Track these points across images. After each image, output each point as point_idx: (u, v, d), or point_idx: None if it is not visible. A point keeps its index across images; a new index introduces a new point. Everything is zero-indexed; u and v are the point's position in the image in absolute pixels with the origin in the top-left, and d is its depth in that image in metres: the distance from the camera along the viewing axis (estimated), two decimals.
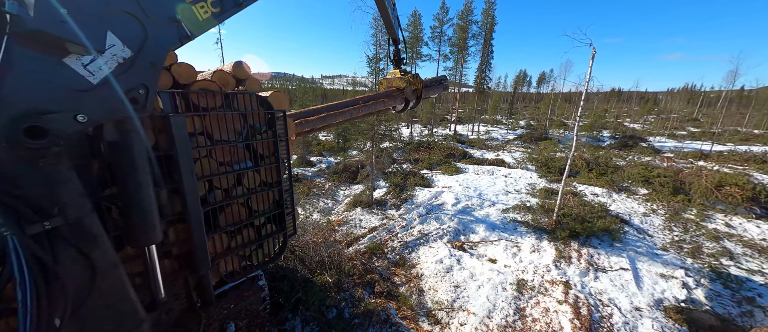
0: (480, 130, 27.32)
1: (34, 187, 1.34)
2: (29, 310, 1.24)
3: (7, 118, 1.24)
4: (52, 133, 1.34)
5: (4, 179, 1.27)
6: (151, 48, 1.59)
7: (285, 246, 3.44)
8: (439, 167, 14.06)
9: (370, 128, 9.30)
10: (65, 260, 1.43)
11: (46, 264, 1.33)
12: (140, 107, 1.66)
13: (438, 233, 7.26)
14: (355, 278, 5.51)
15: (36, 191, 1.34)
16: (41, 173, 1.34)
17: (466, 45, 27.05)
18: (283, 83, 64.94)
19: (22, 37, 1.20)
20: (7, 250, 1.20)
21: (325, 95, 76.96)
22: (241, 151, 2.92)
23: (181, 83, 2.46)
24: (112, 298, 1.67)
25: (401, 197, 9.88)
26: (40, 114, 1.31)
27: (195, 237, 2.43)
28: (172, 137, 2.24)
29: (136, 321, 1.81)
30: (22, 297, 1.22)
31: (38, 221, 1.34)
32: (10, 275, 1.27)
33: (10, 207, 1.26)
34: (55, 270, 1.38)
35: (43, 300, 1.31)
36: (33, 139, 1.29)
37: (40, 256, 1.32)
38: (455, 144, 19.59)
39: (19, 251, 1.22)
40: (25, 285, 1.23)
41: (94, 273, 1.54)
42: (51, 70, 1.30)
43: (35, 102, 1.30)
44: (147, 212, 1.76)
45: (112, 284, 1.65)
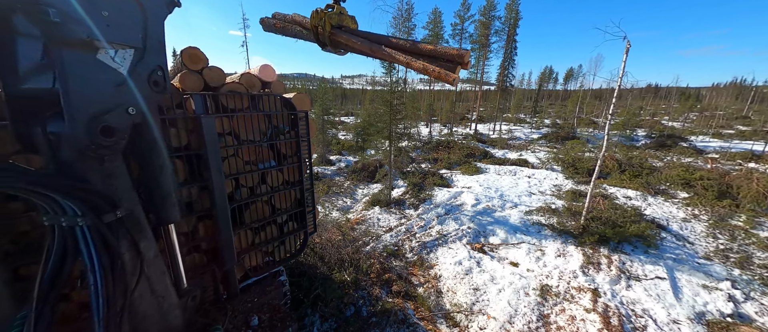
0: (502, 129, 26.52)
1: (101, 182, 1.47)
2: (100, 293, 1.37)
3: (85, 121, 1.36)
4: (117, 130, 1.47)
5: (80, 176, 1.40)
6: (153, 27, 1.60)
7: (305, 243, 3.53)
8: (459, 166, 13.81)
9: (389, 127, 9.30)
10: (123, 248, 1.56)
11: (112, 251, 1.46)
12: (161, 88, 1.71)
13: (457, 234, 7.13)
14: (372, 277, 5.54)
15: (103, 186, 1.48)
16: (105, 169, 1.48)
17: (488, 42, 26.32)
18: (304, 83, 66.52)
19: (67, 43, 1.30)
20: (78, 240, 1.34)
21: (345, 95, 77.89)
22: (266, 150, 3.02)
23: (211, 85, 2.58)
24: (156, 284, 1.79)
25: (419, 197, 9.81)
26: (104, 114, 1.43)
27: (222, 233, 2.55)
28: (202, 137, 2.36)
29: (171, 306, 1.93)
30: (93, 281, 1.35)
31: (111, 211, 1.48)
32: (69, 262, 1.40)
33: (86, 200, 1.38)
34: (122, 257, 1.51)
35: (110, 284, 1.43)
36: (106, 137, 1.42)
37: (111, 243, 1.45)
38: (476, 143, 19.15)
39: (89, 240, 1.35)
40: (96, 271, 1.36)
41: (142, 259, 1.66)
42: (95, 69, 1.41)
43: (97, 103, 1.42)
44: (169, 193, 1.83)
45: (155, 271, 1.77)
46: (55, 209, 1.30)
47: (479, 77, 28.24)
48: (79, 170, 1.38)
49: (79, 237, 1.34)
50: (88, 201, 1.36)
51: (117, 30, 1.36)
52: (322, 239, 6.27)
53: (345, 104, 64.57)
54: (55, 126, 1.34)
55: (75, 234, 1.35)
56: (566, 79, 74.36)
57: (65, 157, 1.36)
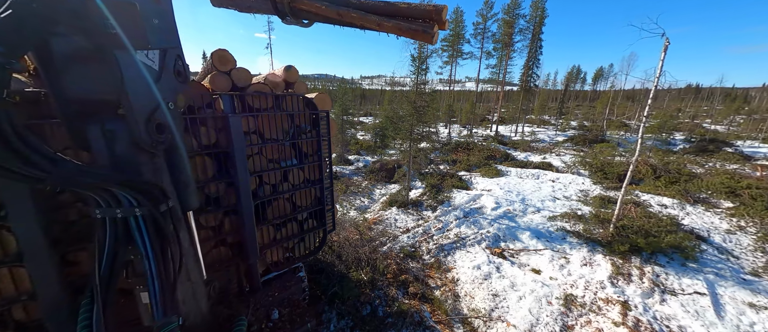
0: (525, 131, 25.65)
1: (154, 175, 1.59)
2: (156, 278, 1.47)
3: (144, 120, 1.48)
4: (166, 126, 1.58)
5: (136, 170, 1.51)
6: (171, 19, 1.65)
7: (324, 241, 3.59)
8: (479, 169, 13.50)
9: (410, 127, 9.26)
10: (171, 236, 1.67)
11: (164, 239, 1.57)
12: (184, 78, 1.78)
13: (476, 237, 6.97)
14: (389, 277, 5.54)
15: (156, 178, 1.60)
16: (156, 163, 1.60)
17: (512, 41, 25.56)
18: (324, 83, 67.72)
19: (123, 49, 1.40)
20: (132, 230, 1.44)
21: (364, 95, 78.51)
22: (288, 149, 3.10)
23: (238, 86, 2.69)
24: (191, 271, 1.89)
25: (437, 199, 9.69)
26: (155, 111, 1.55)
27: (246, 228, 2.64)
28: (229, 135, 2.46)
29: (201, 293, 2.03)
30: (148, 267, 1.45)
31: (164, 201, 1.59)
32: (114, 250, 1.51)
33: (144, 192, 1.50)
34: (171, 244, 1.63)
35: (163, 270, 1.54)
36: (160, 134, 1.54)
37: (164, 232, 1.56)
38: (496, 145, 18.65)
39: (143, 229, 1.46)
40: (150, 258, 1.46)
41: (182, 249, 1.76)
42: (142, 70, 1.52)
43: (149, 101, 1.53)
44: (189, 180, 1.91)
45: (189, 258, 1.87)
46: (109, 202, 1.40)
47: (501, 77, 27.49)
48: (135, 164, 1.50)
49: (133, 227, 1.44)
50: (146, 193, 1.48)
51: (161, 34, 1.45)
52: (339, 237, 6.35)
53: (364, 104, 65.10)
54: (114, 125, 1.45)
55: (129, 225, 1.46)
56: (595, 80, 70.70)
57: (125, 153, 1.47)
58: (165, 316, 1.50)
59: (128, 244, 1.48)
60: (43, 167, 1.19)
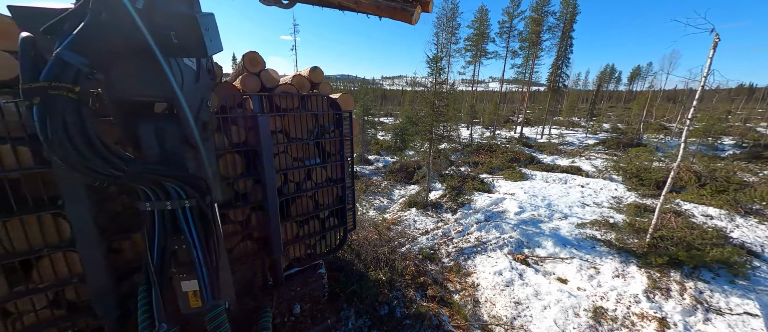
0: (552, 133, 24.56)
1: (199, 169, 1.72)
2: (203, 265, 1.58)
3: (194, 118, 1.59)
4: (209, 123, 1.70)
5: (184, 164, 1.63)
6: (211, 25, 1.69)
7: (345, 239, 3.64)
8: (501, 171, 13.10)
9: (429, 128, 9.17)
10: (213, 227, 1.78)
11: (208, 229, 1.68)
12: (213, 75, 1.88)
13: (498, 242, 6.77)
14: (407, 278, 5.51)
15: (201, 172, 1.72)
16: (197, 159, 1.72)
17: (540, 39, 24.56)
18: (346, 84, 68.72)
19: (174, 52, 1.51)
20: (179, 221, 1.55)
21: (385, 96, 78.74)
22: (312, 148, 3.17)
23: (267, 86, 2.79)
24: (224, 263, 2.00)
25: (458, 201, 9.52)
26: (199, 110, 1.67)
27: (271, 223, 2.73)
28: (258, 134, 2.56)
29: (231, 283, 2.13)
30: (196, 255, 1.56)
31: (208, 194, 1.71)
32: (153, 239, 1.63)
33: (194, 185, 1.61)
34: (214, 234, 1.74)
35: (208, 258, 1.65)
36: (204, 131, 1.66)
37: (208, 222, 1.68)
38: (521, 148, 18.01)
39: (190, 220, 1.57)
40: (197, 247, 1.57)
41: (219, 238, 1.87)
42: (190, 73, 1.64)
43: (195, 101, 1.66)
44: (216, 174, 2.00)
45: (222, 251, 1.98)
46: (159, 195, 1.51)
47: (527, 77, 26.50)
48: (183, 159, 1.62)
49: (181, 218, 1.54)
50: (195, 186, 1.59)
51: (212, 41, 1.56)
52: (359, 236, 6.41)
53: (385, 104, 65.30)
54: (165, 123, 1.59)
55: (176, 216, 1.56)
56: (631, 79, 66.20)
57: (174, 149, 1.59)
58: (214, 299, 1.60)
59: (175, 234, 1.59)
60: (119, 166, 1.33)
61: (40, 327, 1.91)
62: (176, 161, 1.59)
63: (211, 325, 1.51)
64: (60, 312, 1.99)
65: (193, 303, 1.69)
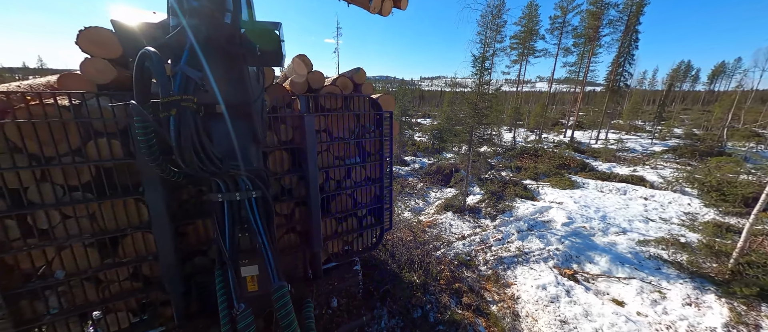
0: (609, 137, 22.16)
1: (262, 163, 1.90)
2: (269, 250, 1.73)
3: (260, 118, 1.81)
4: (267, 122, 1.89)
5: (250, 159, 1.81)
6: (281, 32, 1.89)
7: (381, 239, 3.67)
8: (548, 178, 12.16)
9: (470, 130, 8.86)
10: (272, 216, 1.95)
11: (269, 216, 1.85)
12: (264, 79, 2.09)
13: (542, 254, 6.29)
14: (441, 283, 5.38)
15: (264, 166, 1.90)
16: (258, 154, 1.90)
17: (598, 35, 22.31)
18: (384, 85, 69.41)
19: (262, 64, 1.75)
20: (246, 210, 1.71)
21: (423, 97, 77.96)
22: (353, 147, 3.25)
23: (313, 88, 2.92)
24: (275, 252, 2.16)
25: (497, 207, 9.05)
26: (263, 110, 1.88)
27: (313, 218, 2.86)
28: (304, 133, 2.69)
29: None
30: (261, 241, 1.72)
31: (270, 185, 1.89)
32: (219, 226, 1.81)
33: (261, 177, 1.79)
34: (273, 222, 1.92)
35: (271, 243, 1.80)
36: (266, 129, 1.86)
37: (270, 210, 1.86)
38: (571, 153, 16.54)
39: (255, 209, 1.73)
40: (262, 233, 1.73)
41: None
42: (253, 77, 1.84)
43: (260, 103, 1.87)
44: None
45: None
46: (229, 187, 1.67)
47: (581, 76, 24.25)
48: (250, 154, 1.79)
49: (247, 208, 1.70)
50: (261, 178, 1.76)
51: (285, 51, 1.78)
52: (393, 237, 6.42)
53: (422, 105, 64.65)
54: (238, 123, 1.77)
55: (243, 206, 1.71)
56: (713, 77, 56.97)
57: (245, 145, 1.78)
58: (278, 281, 1.72)
59: (241, 222, 1.74)
60: (216, 164, 1.55)
61: (123, 296, 2.23)
62: (244, 157, 1.75)
63: (278, 304, 1.62)
64: (137, 285, 2.30)
65: (251, 287, 1.82)
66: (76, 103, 1.90)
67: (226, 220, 1.67)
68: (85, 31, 1.96)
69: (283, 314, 1.61)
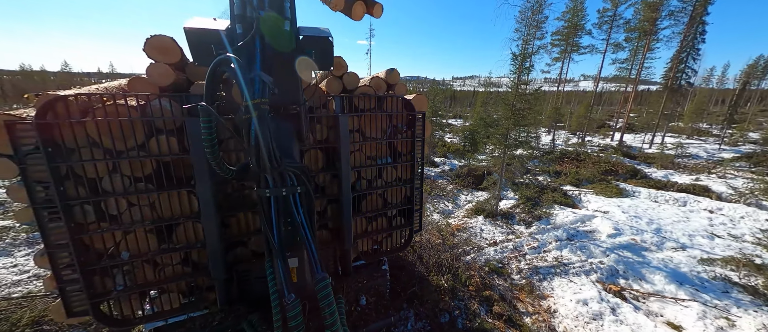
0: (666, 142, 19.90)
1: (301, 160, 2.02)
2: (311, 242, 1.82)
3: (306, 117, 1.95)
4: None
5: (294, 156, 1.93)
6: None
7: (410, 240, 3.64)
8: (592, 185, 11.24)
9: (506, 131, 8.47)
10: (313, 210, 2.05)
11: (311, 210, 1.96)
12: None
13: (583, 266, 5.83)
14: (470, 289, 5.20)
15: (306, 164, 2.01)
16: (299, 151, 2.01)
17: (655, 28, 20.14)
18: (415, 85, 68.92)
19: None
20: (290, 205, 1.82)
21: (454, 97, 76.14)
22: (384, 147, 3.26)
23: (347, 89, 2.98)
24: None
25: (533, 214, 8.55)
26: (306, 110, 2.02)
27: (344, 216, 2.92)
28: (338, 133, 2.76)
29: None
30: (305, 235, 1.82)
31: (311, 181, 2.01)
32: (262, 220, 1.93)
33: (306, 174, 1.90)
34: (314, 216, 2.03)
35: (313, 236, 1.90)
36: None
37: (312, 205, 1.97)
38: (619, 158, 15.14)
39: (298, 204, 1.84)
40: (305, 227, 1.83)
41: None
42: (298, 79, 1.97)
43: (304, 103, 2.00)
44: None
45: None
46: (277, 183, 1.78)
47: (634, 74, 22.06)
48: (294, 152, 1.90)
49: (291, 203, 1.80)
50: (305, 174, 1.87)
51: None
52: (421, 239, 6.35)
53: (454, 106, 63.21)
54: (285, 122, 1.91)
55: (288, 201, 1.81)
56: None
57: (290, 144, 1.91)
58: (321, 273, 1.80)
59: (288, 217, 1.84)
60: (280, 163, 1.69)
61: (175, 279, 2.46)
62: (290, 154, 1.85)
63: (321, 294, 1.69)
64: (187, 269, 2.52)
65: (293, 278, 1.92)
66: (142, 103, 2.13)
67: (273, 214, 1.76)
68: (150, 39, 2.19)
69: (326, 303, 1.67)
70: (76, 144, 1.97)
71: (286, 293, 1.68)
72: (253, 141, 1.54)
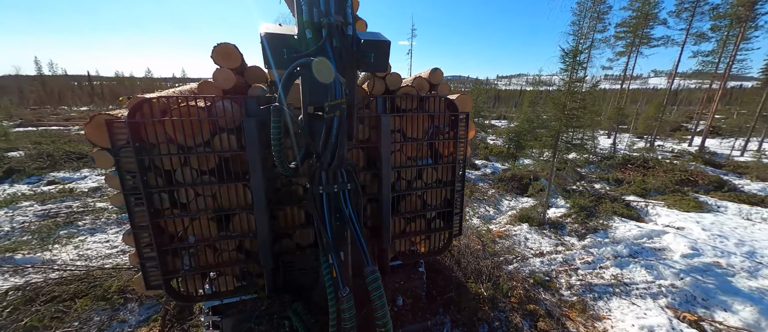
0: (765, 148, 16.59)
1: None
2: (361, 237, 1.91)
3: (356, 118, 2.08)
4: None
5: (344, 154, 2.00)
6: None
7: (449, 244, 3.55)
8: (663, 196, 9.84)
9: (555, 135, 7.81)
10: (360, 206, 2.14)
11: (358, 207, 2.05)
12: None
13: (649, 288, 5.12)
14: (513, 301, 4.90)
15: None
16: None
17: (753, 13, 16.90)
18: (456, 85, 66.97)
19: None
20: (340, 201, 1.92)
21: (499, 97, 72.32)
22: (425, 148, 3.22)
23: (390, 89, 3.00)
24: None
25: (587, 225, 7.75)
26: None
27: (383, 215, 2.94)
28: (379, 133, 2.79)
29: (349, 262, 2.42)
30: (354, 230, 1.92)
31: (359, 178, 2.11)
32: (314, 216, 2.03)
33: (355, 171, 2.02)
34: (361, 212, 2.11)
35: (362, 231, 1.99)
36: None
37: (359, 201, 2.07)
38: (699, 166, 13.02)
39: (347, 200, 1.94)
40: (354, 222, 1.93)
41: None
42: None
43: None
44: None
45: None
46: (329, 180, 1.87)
47: (722, 69, 18.76)
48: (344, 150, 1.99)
49: (341, 199, 1.89)
50: (355, 172, 1.96)
51: None
52: (460, 243, 6.15)
53: (498, 106, 60.10)
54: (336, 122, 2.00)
55: (338, 197, 1.90)
56: None
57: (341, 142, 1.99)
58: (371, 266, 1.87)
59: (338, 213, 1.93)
60: (338, 161, 1.83)
61: (231, 264, 2.71)
62: (341, 152, 1.93)
63: (372, 287, 1.76)
64: (241, 256, 2.76)
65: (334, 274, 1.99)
66: (208, 104, 2.38)
67: (325, 210, 1.85)
68: (217, 47, 2.44)
69: (377, 295, 1.72)
70: (156, 140, 2.27)
71: (341, 286, 1.75)
72: (333, 139, 1.67)
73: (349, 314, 1.73)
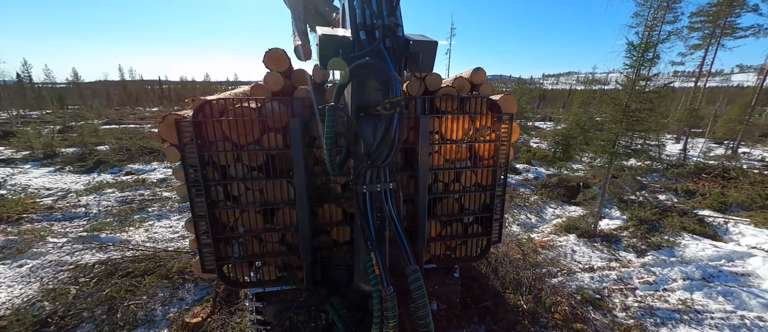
0: None
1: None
2: (402, 234, 1.96)
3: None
4: None
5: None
6: None
7: (487, 250, 3.40)
8: (748, 212, 8.38)
9: (612, 138, 7.06)
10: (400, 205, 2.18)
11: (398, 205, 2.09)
12: None
13: (728, 318, 4.40)
14: (556, 317, 4.53)
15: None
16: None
17: None
18: (497, 84, 63.90)
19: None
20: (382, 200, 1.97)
21: (544, 97, 67.44)
22: (464, 150, 3.13)
23: (430, 90, 2.96)
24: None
25: (649, 241, 6.90)
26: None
27: (419, 217, 2.91)
28: (417, 134, 2.77)
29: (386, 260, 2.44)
30: (395, 229, 1.97)
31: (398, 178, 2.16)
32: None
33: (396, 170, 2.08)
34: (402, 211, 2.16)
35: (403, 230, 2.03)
36: None
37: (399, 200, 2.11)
38: None
39: (389, 199, 1.99)
40: (395, 219, 1.98)
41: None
42: None
43: None
44: None
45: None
46: (372, 179, 1.93)
47: None
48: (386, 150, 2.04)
49: (383, 198, 1.94)
50: (396, 171, 2.01)
51: None
52: (498, 251, 5.86)
53: (542, 106, 56.12)
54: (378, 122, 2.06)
55: (380, 196, 1.95)
56: None
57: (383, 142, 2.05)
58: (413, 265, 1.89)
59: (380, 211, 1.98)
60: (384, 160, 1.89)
61: (274, 255, 2.89)
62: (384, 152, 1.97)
63: (414, 285, 1.78)
64: (283, 248, 2.94)
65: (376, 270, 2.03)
66: (259, 106, 2.57)
67: (368, 208, 1.90)
68: (268, 52, 2.63)
69: (419, 294, 1.74)
70: (214, 138, 2.51)
71: (385, 284, 1.78)
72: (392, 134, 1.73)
73: (392, 312, 1.74)
